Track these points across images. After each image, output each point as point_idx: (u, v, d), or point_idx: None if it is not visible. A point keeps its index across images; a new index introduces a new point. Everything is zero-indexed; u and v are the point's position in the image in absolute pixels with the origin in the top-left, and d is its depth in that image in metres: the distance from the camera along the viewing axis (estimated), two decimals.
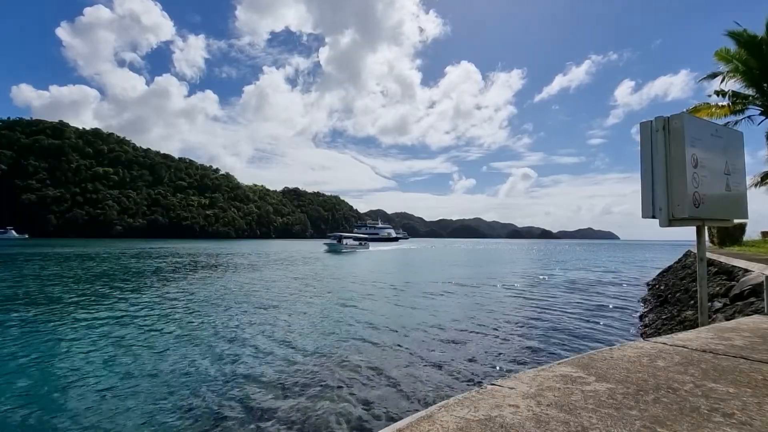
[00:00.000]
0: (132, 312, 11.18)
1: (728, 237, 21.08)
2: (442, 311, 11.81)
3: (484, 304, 13.06)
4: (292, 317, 10.79)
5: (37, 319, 10.14)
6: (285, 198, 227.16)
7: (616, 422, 1.27)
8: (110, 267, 25.70)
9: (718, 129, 3.39)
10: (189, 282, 18.34)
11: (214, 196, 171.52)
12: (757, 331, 2.75)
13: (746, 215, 3.59)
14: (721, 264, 10.37)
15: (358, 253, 51.35)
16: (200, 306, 12.26)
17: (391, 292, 15.83)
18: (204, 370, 6.48)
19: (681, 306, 9.34)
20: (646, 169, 3.17)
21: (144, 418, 4.85)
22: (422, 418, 1.29)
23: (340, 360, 7.08)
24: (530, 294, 15.73)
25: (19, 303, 12.33)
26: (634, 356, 2.07)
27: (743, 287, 6.69)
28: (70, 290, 15.16)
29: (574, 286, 18.60)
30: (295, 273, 23.93)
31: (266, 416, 4.87)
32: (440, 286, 18.06)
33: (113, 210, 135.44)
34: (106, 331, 8.96)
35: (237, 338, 8.49)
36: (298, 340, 8.42)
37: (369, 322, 10.18)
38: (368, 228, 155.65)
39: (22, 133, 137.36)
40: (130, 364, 6.78)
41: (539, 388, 1.58)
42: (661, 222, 3.10)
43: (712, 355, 2.12)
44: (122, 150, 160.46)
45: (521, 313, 11.58)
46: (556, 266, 31.79)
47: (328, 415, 4.90)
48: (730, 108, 14.41)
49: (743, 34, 13.12)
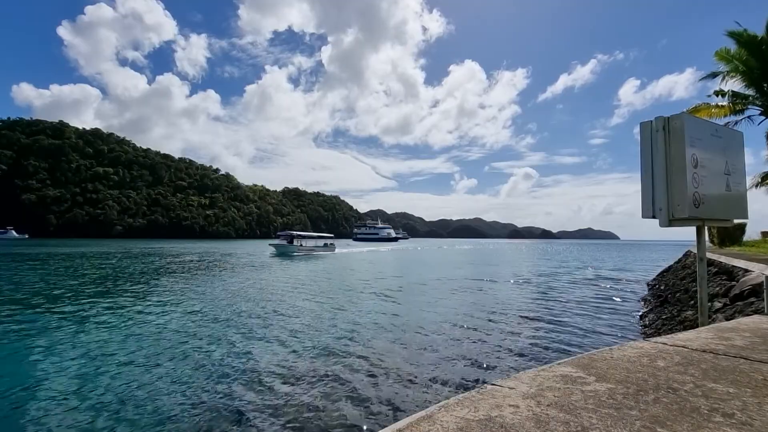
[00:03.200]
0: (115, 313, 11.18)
1: (728, 237, 21.08)
2: (440, 311, 11.80)
3: (482, 305, 13.06)
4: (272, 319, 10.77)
5: (36, 319, 10.14)
6: (285, 198, 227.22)
7: (616, 422, 1.27)
8: (101, 268, 25.70)
9: (718, 129, 3.39)
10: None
11: (214, 196, 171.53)
12: (757, 331, 2.75)
13: (746, 215, 3.59)
14: (721, 264, 10.37)
15: (318, 259, 36.78)
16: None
17: (385, 295, 15.82)
18: (195, 376, 6.48)
19: (681, 306, 9.34)
20: (646, 169, 3.17)
21: (142, 418, 4.85)
22: (422, 418, 1.29)
23: (340, 360, 7.08)
24: (529, 294, 15.72)
25: (18, 303, 12.33)
26: (634, 356, 2.07)
27: (743, 287, 6.69)
28: (69, 290, 15.16)
29: (573, 285, 18.59)
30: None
31: (266, 417, 4.87)
32: (439, 286, 18.06)
33: (113, 210, 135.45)
34: (82, 335, 8.95)
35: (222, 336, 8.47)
36: (297, 338, 8.42)
37: (368, 322, 10.18)
38: (368, 228, 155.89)
39: (22, 133, 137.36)
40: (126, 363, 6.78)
41: (539, 388, 1.58)
42: (661, 222, 3.10)
43: (712, 355, 2.12)
44: (122, 150, 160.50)
45: (520, 313, 11.57)
46: (556, 266, 31.78)
47: (328, 415, 4.90)
48: (730, 108, 14.42)
49: (743, 34, 13.12)
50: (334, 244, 52.83)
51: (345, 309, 12.00)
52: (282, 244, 44.42)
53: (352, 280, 20.59)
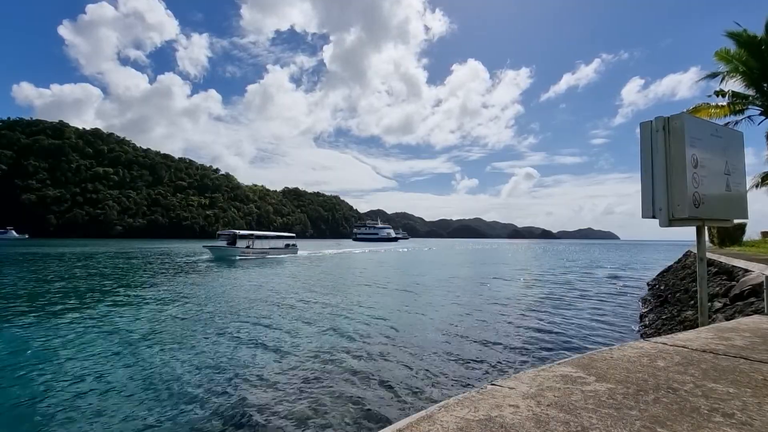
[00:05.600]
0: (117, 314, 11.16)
1: (728, 237, 21.08)
2: (440, 312, 11.81)
3: (482, 305, 13.05)
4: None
5: (36, 318, 10.14)
6: (285, 198, 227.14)
7: (616, 422, 1.27)
8: (101, 267, 25.69)
9: (718, 129, 3.39)
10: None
11: (214, 196, 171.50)
12: (757, 331, 2.75)
13: (746, 215, 3.59)
14: (721, 264, 10.37)
15: (269, 265, 28.91)
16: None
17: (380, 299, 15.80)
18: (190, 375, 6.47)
19: (681, 306, 9.34)
20: (646, 169, 3.17)
21: (140, 418, 4.85)
22: (422, 418, 1.29)
23: (339, 360, 7.07)
24: (529, 294, 15.72)
25: (18, 303, 12.32)
26: (634, 356, 2.07)
27: (743, 287, 6.69)
28: (69, 290, 15.16)
29: (573, 285, 18.59)
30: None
31: (265, 417, 4.87)
32: (438, 286, 18.06)
33: (113, 210, 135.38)
34: (81, 335, 8.94)
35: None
36: (296, 337, 8.41)
37: (367, 322, 10.18)
38: (368, 228, 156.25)
39: (22, 133, 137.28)
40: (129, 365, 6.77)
41: (539, 388, 1.58)
42: (661, 222, 3.10)
43: (712, 355, 2.12)
44: (122, 150, 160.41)
45: (520, 313, 11.57)
46: (555, 266, 31.78)
47: (328, 415, 4.89)
48: (730, 108, 14.41)
49: (743, 35, 13.12)
50: (296, 246, 44.67)
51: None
52: (220, 247, 36.04)
53: (295, 298, 13.53)
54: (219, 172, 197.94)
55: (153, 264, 28.43)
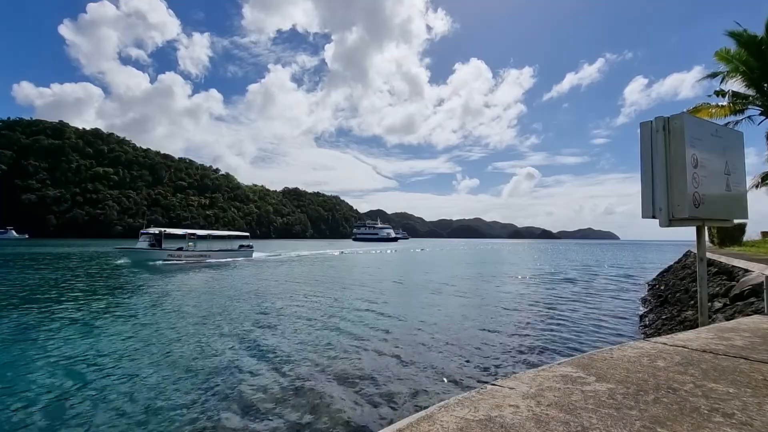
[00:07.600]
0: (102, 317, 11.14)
1: (728, 237, 21.07)
2: (439, 312, 11.80)
3: (481, 305, 13.06)
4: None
5: (36, 318, 10.13)
6: (285, 198, 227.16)
7: (616, 422, 1.27)
8: (100, 268, 25.68)
9: (718, 129, 3.39)
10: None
11: (214, 196, 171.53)
12: (757, 331, 2.75)
13: (746, 215, 3.59)
14: (721, 264, 10.37)
15: (205, 272, 23.23)
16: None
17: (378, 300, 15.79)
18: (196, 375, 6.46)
19: (681, 306, 9.34)
20: (646, 169, 3.17)
21: (138, 418, 4.85)
22: (422, 418, 1.29)
23: (338, 360, 7.07)
24: (529, 294, 15.72)
25: (18, 303, 12.32)
26: (634, 356, 2.07)
27: (743, 287, 6.69)
28: (68, 290, 15.15)
29: (573, 285, 18.59)
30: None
31: (265, 417, 4.87)
32: (437, 286, 18.05)
33: (113, 210, 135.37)
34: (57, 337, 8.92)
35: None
36: (295, 337, 8.41)
37: (367, 322, 10.18)
38: (368, 228, 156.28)
39: (22, 133, 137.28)
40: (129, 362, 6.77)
41: (539, 388, 1.58)
42: (661, 222, 3.10)
43: (712, 355, 2.11)
44: (122, 150, 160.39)
45: (520, 313, 11.57)
46: (555, 266, 31.78)
47: (328, 415, 4.89)
48: (730, 108, 14.41)
49: (743, 35, 13.12)
50: (251, 247, 37.26)
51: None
52: (139, 250, 29.27)
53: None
54: (219, 172, 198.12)
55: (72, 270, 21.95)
